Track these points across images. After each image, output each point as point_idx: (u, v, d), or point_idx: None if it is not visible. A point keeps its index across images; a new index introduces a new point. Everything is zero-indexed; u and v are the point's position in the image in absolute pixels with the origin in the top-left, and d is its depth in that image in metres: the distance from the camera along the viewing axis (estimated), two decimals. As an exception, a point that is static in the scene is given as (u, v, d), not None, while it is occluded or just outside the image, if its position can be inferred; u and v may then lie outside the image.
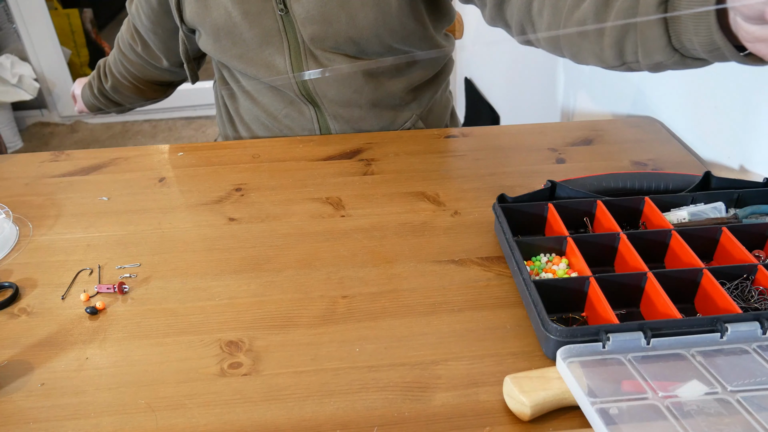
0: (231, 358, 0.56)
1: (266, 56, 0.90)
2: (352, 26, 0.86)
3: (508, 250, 0.64)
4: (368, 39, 0.88)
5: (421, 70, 0.98)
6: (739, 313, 0.53)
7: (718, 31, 0.50)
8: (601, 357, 0.51)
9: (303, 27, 0.87)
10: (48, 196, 0.81)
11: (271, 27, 0.88)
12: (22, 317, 0.62)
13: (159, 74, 1.10)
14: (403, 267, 0.67)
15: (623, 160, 0.85)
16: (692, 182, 0.71)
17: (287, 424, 0.50)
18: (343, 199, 0.78)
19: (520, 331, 0.58)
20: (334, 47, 0.89)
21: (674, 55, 0.56)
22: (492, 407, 0.51)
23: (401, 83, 0.95)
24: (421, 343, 0.57)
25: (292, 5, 0.85)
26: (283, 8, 0.86)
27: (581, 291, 0.59)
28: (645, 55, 0.59)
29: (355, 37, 0.87)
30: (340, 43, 0.88)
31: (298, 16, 0.86)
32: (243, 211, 0.77)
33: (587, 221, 0.69)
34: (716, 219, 0.67)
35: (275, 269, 0.67)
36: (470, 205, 0.76)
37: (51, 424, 0.51)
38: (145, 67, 1.09)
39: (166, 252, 0.70)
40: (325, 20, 0.85)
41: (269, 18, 0.87)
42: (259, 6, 0.86)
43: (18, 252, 0.71)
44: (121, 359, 0.57)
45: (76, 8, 2.96)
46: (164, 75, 1.11)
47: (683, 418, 0.45)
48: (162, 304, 0.63)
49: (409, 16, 0.88)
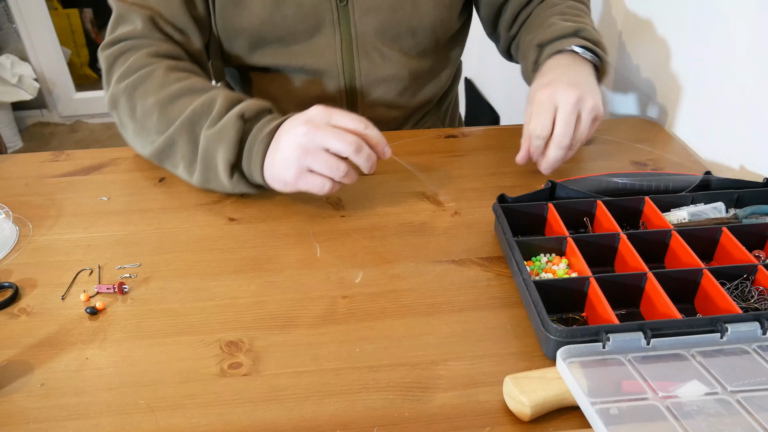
0: (231, 358, 0.56)
1: (312, 49, 0.88)
2: (415, 15, 0.87)
3: (508, 251, 0.64)
4: (426, 30, 0.90)
5: (449, 73, 1.00)
6: (739, 314, 0.53)
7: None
8: (601, 357, 0.51)
9: (364, 17, 0.86)
10: (48, 196, 0.81)
11: (324, 18, 0.85)
12: (22, 317, 0.62)
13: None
14: (403, 267, 0.67)
15: (623, 160, 0.85)
16: (692, 182, 0.71)
17: (287, 424, 0.50)
18: (343, 199, 0.78)
19: (520, 332, 0.58)
20: (393, 39, 0.89)
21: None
22: (492, 407, 0.51)
23: (435, 88, 0.98)
24: (421, 343, 0.57)
25: None
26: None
27: (581, 291, 0.59)
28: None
29: (415, 27, 0.88)
30: (402, 33, 0.88)
31: (359, 5, 0.85)
32: (243, 211, 0.76)
33: (587, 221, 0.69)
34: (716, 219, 0.67)
35: (275, 269, 0.67)
36: (470, 205, 0.76)
37: (51, 424, 0.51)
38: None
39: (166, 252, 0.70)
40: (391, 8, 0.85)
41: (324, 9, 0.85)
42: None
43: (18, 252, 0.71)
44: (121, 359, 0.57)
45: (76, 8, 2.96)
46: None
47: (683, 419, 0.45)
48: (162, 305, 0.63)
49: (458, 10, 0.93)
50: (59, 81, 2.87)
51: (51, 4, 2.77)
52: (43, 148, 2.77)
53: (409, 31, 0.89)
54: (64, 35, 2.90)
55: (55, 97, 2.92)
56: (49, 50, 2.78)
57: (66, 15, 2.94)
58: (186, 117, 0.73)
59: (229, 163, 0.71)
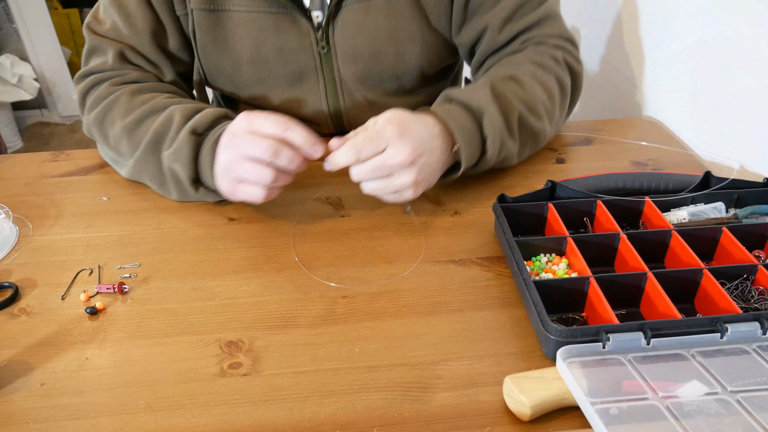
0: (231, 358, 0.56)
1: (298, 94, 0.87)
2: (399, 61, 0.85)
3: (508, 250, 0.64)
4: (411, 73, 0.87)
5: (443, 83, 0.99)
6: (739, 314, 0.53)
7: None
8: (601, 357, 0.51)
9: (346, 64, 0.84)
10: (48, 196, 0.81)
11: (307, 65, 0.84)
12: (22, 317, 0.62)
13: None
14: (403, 267, 0.67)
15: (623, 160, 0.85)
16: (692, 182, 0.71)
17: (287, 424, 0.50)
18: (343, 199, 0.78)
19: (520, 332, 0.58)
20: (376, 85, 0.87)
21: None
22: (492, 407, 0.51)
23: (427, 98, 0.94)
24: (421, 343, 0.57)
25: (336, 42, 0.82)
26: (325, 45, 0.82)
27: (581, 291, 0.59)
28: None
29: (399, 73, 0.86)
30: (385, 79, 0.86)
31: (342, 53, 0.83)
32: (243, 211, 0.76)
33: (587, 221, 0.69)
34: (716, 219, 0.67)
35: (275, 269, 0.67)
36: (470, 205, 0.76)
37: (51, 424, 0.51)
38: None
39: (165, 252, 0.70)
40: (374, 56, 0.83)
41: (306, 55, 0.83)
42: (296, 42, 0.82)
43: (18, 252, 0.71)
44: (121, 359, 0.57)
45: (76, 8, 2.95)
46: None
47: (683, 419, 0.45)
48: (162, 304, 0.63)
49: (446, 53, 0.88)
50: (59, 81, 2.87)
51: (51, 4, 2.77)
52: (43, 148, 2.77)
53: (393, 77, 0.87)
54: (64, 35, 2.90)
55: (55, 97, 2.92)
56: (49, 50, 2.78)
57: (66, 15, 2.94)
58: (149, 139, 0.73)
59: (191, 178, 0.72)
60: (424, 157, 0.67)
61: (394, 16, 0.81)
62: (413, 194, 0.69)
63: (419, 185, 0.68)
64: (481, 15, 0.83)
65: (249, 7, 0.79)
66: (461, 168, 0.72)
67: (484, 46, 0.85)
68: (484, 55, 0.87)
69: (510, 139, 0.75)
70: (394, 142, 0.65)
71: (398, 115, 0.68)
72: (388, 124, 0.67)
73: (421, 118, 0.69)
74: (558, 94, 0.81)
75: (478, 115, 0.72)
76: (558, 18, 0.86)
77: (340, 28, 0.81)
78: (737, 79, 0.81)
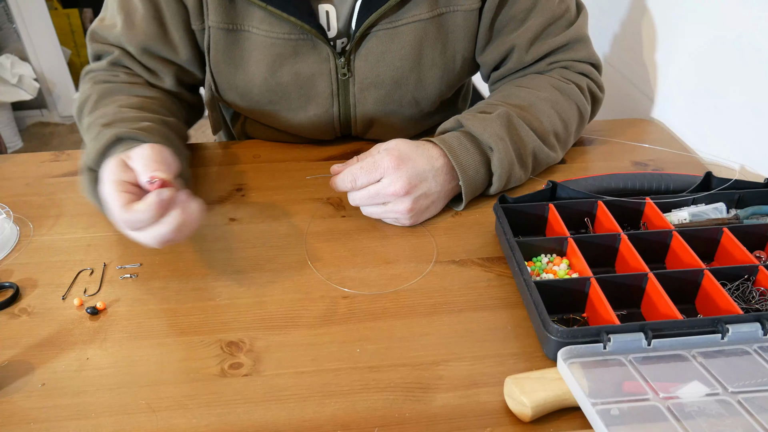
0: (231, 358, 0.56)
1: (310, 117, 0.85)
2: (420, 87, 0.84)
3: (508, 251, 0.64)
4: (430, 98, 0.86)
5: (456, 100, 0.99)
6: (740, 314, 0.53)
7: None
8: (601, 358, 0.51)
9: (366, 91, 0.83)
10: (48, 196, 0.81)
11: (323, 90, 0.82)
12: (22, 317, 0.62)
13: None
14: (403, 267, 0.67)
15: (623, 161, 0.85)
16: (693, 183, 0.71)
17: (288, 424, 0.50)
18: (344, 199, 0.78)
19: (521, 332, 0.58)
20: (394, 111, 0.86)
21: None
22: (493, 408, 0.51)
23: (441, 117, 0.93)
24: (421, 343, 0.57)
25: (357, 69, 0.81)
26: (347, 72, 0.81)
27: (582, 292, 0.59)
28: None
29: (419, 98, 0.85)
30: (404, 105, 0.86)
31: (362, 80, 0.82)
32: (243, 211, 0.76)
33: (588, 222, 0.69)
34: (717, 219, 0.67)
35: (275, 269, 0.67)
36: (470, 206, 0.76)
37: (51, 424, 0.51)
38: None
39: (166, 252, 0.70)
40: (395, 83, 0.82)
41: (323, 81, 0.81)
42: (315, 68, 0.80)
43: (18, 252, 0.71)
44: (122, 360, 0.57)
45: (76, 8, 2.95)
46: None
47: (684, 420, 0.45)
48: (162, 305, 0.63)
49: (468, 69, 0.88)
50: (59, 81, 2.87)
51: (51, 4, 2.76)
52: (43, 148, 2.77)
53: (413, 102, 0.86)
54: (64, 35, 2.90)
55: (55, 97, 2.92)
56: (49, 50, 2.78)
57: (66, 15, 2.94)
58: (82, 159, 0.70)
59: (98, 207, 0.67)
60: (421, 189, 0.69)
61: (419, 43, 0.80)
62: (410, 222, 0.71)
63: (416, 214, 0.70)
64: (507, 35, 0.82)
65: (268, 31, 0.77)
66: (462, 204, 0.74)
67: (509, 65, 0.84)
68: (508, 73, 0.86)
69: (520, 170, 0.75)
70: (390, 173, 0.67)
71: (399, 146, 0.70)
72: (387, 154, 0.68)
73: (424, 150, 0.70)
74: (576, 123, 0.82)
75: (488, 150, 0.73)
76: (586, 41, 0.85)
77: (362, 56, 0.80)
78: (738, 80, 0.81)
